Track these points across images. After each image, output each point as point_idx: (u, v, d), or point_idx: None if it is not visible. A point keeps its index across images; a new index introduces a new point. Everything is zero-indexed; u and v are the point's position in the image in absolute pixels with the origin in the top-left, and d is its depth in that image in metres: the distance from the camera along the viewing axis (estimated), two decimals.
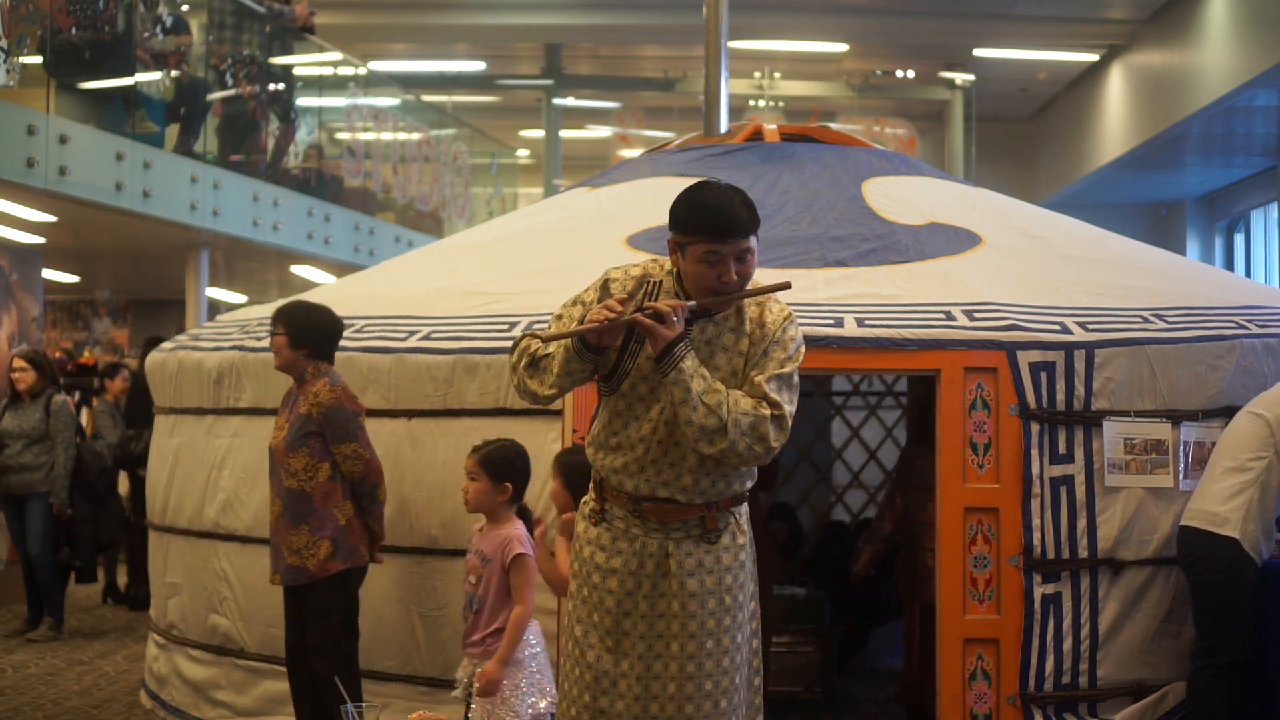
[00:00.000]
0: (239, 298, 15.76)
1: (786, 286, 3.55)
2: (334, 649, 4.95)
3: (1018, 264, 5.73)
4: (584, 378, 3.50)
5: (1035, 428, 4.97)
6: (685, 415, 3.32)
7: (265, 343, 5.83)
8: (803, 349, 3.48)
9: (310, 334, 5.10)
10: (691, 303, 3.41)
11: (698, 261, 3.41)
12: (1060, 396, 5.00)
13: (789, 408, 3.39)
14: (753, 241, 3.44)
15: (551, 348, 3.48)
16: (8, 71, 8.43)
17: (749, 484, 3.59)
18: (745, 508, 3.62)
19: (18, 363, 8.27)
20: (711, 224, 3.39)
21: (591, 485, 3.64)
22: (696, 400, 3.31)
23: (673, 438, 3.45)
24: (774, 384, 3.39)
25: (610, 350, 3.47)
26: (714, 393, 3.34)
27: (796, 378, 3.46)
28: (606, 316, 3.35)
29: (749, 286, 3.50)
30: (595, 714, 3.51)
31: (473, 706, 4.51)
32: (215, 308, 13.39)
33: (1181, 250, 17.37)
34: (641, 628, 3.50)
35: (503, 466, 4.62)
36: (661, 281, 3.53)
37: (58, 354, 13.80)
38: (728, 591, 3.50)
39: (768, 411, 3.35)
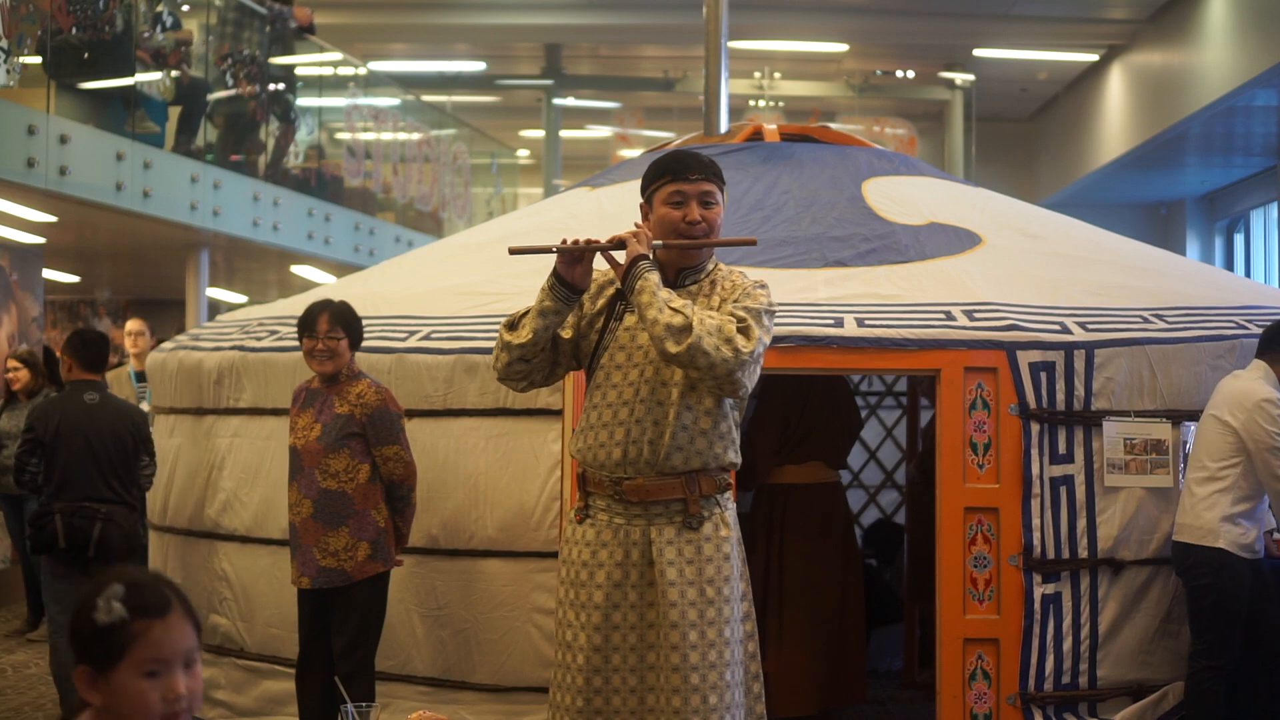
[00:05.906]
0: (239, 298, 15.75)
1: (752, 242, 3.80)
2: (360, 651, 4.88)
3: (1018, 264, 5.73)
4: (555, 322, 3.57)
5: (1035, 428, 4.97)
6: (652, 317, 3.39)
7: (265, 343, 5.84)
8: (775, 309, 3.57)
9: (360, 331, 5.05)
10: (658, 242, 3.56)
11: (663, 205, 3.59)
12: (1060, 396, 5.00)
13: (756, 327, 3.44)
14: (717, 194, 3.60)
15: (530, 303, 3.61)
16: (8, 71, 8.42)
17: (732, 456, 3.57)
18: (732, 505, 3.62)
19: (11, 363, 8.27)
20: (674, 163, 3.60)
21: (575, 483, 3.68)
22: (662, 303, 3.40)
23: (655, 396, 3.51)
24: (742, 309, 3.47)
25: (582, 300, 3.64)
26: (680, 301, 3.44)
27: (768, 320, 3.51)
28: (579, 240, 3.56)
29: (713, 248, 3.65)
30: (591, 715, 3.49)
31: None
32: (215, 308, 13.39)
33: (1181, 250, 17.35)
34: (632, 618, 3.50)
35: None
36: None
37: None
38: (709, 583, 3.48)
39: (733, 320, 3.43)
